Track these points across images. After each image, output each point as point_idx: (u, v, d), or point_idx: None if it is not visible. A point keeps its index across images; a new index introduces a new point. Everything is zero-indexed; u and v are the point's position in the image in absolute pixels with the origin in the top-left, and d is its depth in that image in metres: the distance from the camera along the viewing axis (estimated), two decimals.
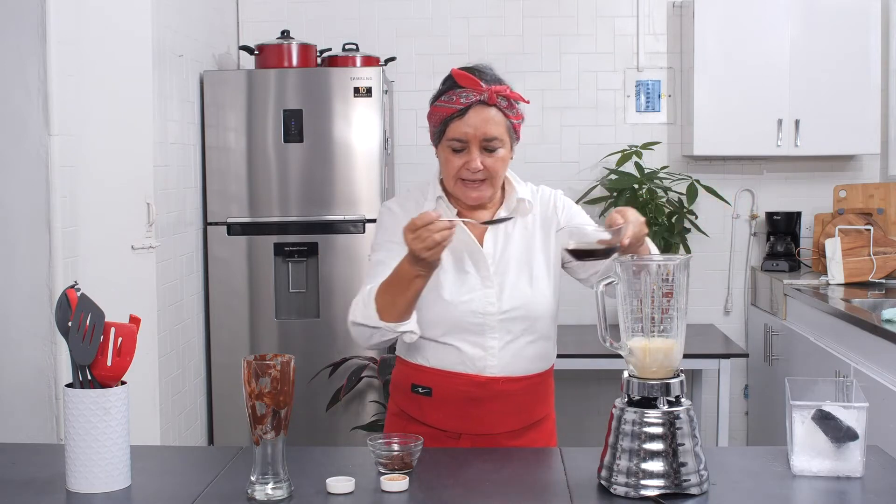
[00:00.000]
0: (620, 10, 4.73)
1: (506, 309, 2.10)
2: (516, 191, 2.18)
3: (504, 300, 2.10)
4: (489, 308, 2.09)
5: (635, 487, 1.68)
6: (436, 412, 2.13)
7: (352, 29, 4.70)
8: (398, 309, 2.01)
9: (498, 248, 2.14)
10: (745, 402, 4.82)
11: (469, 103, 2.05)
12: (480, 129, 2.05)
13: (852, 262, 4.22)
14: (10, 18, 2.61)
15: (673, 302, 1.72)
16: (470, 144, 2.06)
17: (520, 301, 2.10)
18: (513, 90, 2.10)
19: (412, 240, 1.90)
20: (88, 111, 2.81)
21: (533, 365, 2.14)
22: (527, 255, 2.15)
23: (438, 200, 2.17)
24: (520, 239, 2.16)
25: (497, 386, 2.10)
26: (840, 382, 1.90)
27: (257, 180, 4.17)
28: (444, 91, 2.10)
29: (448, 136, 2.07)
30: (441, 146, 2.10)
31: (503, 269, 2.12)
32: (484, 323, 2.09)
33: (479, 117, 2.05)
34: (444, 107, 2.07)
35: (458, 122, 2.05)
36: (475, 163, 2.06)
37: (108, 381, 1.76)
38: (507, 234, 2.16)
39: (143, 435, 3.04)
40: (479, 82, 2.06)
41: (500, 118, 2.07)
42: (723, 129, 4.44)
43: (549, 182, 4.92)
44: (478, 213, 2.18)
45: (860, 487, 1.74)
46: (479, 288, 2.10)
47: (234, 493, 1.72)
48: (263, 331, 4.20)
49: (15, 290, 2.66)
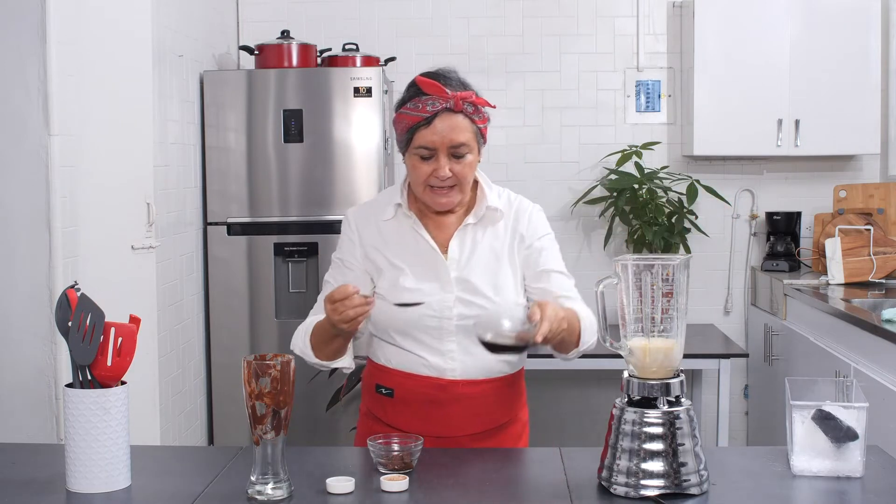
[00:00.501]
0: (620, 10, 4.73)
1: (465, 315, 2.08)
2: (486, 198, 2.16)
3: (462, 306, 2.09)
4: (446, 313, 2.08)
5: (635, 487, 1.68)
6: (398, 414, 2.13)
7: (352, 29, 4.70)
8: (328, 352, 2.10)
9: (464, 254, 2.13)
10: (745, 402, 4.82)
11: (435, 111, 2.03)
12: (448, 137, 2.04)
13: (852, 262, 4.22)
14: (10, 18, 2.61)
15: (673, 302, 1.72)
16: (437, 152, 2.05)
17: (478, 309, 2.08)
18: (478, 95, 2.09)
19: (330, 311, 1.94)
20: (88, 111, 2.81)
21: (495, 368, 2.12)
22: (494, 263, 2.14)
23: (397, 208, 2.17)
24: (488, 246, 2.15)
25: (457, 389, 2.09)
26: (840, 382, 1.90)
27: (257, 180, 4.17)
28: (409, 98, 2.08)
29: (415, 145, 2.06)
30: (408, 154, 2.10)
31: (466, 274, 2.11)
32: (441, 327, 2.09)
33: (445, 125, 2.04)
34: (409, 115, 2.06)
35: (424, 131, 2.04)
36: (443, 170, 2.05)
37: (108, 381, 1.76)
38: (474, 240, 2.15)
39: (143, 435, 3.04)
40: (445, 89, 2.04)
41: (466, 124, 2.06)
42: (723, 129, 4.44)
43: (549, 182, 4.93)
44: (447, 217, 2.17)
45: (860, 487, 1.74)
46: (437, 293, 2.09)
47: (234, 493, 1.72)
48: (263, 331, 4.20)
49: (15, 290, 2.66)
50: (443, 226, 2.17)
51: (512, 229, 2.18)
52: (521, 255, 2.17)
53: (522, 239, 2.18)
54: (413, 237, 2.14)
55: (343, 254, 2.19)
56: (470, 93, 2.07)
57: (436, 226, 2.17)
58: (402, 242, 2.15)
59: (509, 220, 2.18)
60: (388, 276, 2.13)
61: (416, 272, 2.11)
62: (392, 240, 2.15)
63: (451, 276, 2.10)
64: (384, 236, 2.16)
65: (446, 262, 2.12)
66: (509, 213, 2.19)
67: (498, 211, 2.16)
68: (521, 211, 2.21)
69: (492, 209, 2.16)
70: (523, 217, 2.20)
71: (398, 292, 2.10)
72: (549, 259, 2.18)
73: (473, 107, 2.07)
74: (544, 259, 2.17)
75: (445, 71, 2.12)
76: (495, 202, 2.17)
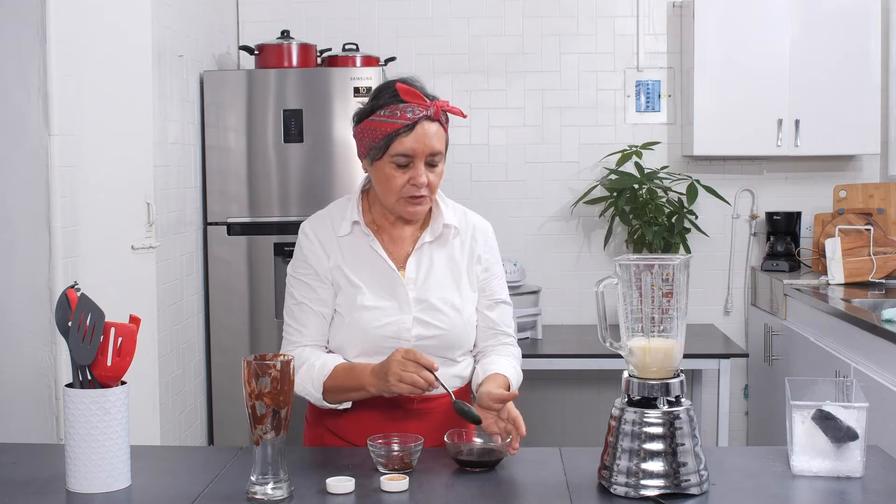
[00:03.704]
0: (620, 10, 4.73)
1: (423, 335, 2.08)
2: (443, 215, 2.15)
3: (420, 327, 2.08)
4: (404, 334, 2.08)
5: (635, 487, 1.68)
6: (353, 428, 2.10)
7: (352, 29, 4.70)
8: (342, 399, 2.07)
9: (421, 272, 2.12)
10: (745, 402, 4.82)
11: (416, 118, 2.01)
12: (428, 145, 2.03)
13: (852, 262, 4.22)
14: (10, 18, 2.61)
15: (673, 302, 1.72)
16: (415, 160, 2.03)
17: (437, 330, 2.09)
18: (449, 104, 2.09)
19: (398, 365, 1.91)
20: (88, 111, 2.81)
21: (448, 383, 2.07)
22: (451, 281, 2.14)
23: (354, 226, 2.13)
24: (444, 265, 2.15)
25: (413, 405, 2.08)
26: (840, 382, 1.90)
27: (257, 180, 4.17)
28: (382, 105, 2.03)
29: (392, 153, 2.02)
30: (382, 162, 2.05)
31: (424, 294, 2.10)
32: (398, 347, 2.05)
33: (425, 132, 2.02)
34: (387, 122, 2.02)
35: (404, 138, 2.01)
36: (422, 177, 2.03)
37: (108, 381, 1.76)
38: (431, 259, 2.14)
39: (143, 435, 3.04)
40: (424, 97, 2.04)
41: (441, 133, 2.06)
42: (723, 129, 4.44)
43: (549, 182, 4.93)
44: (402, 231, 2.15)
45: (860, 487, 1.75)
46: (395, 314, 2.08)
47: (234, 493, 1.72)
48: (263, 331, 4.20)
49: (15, 290, 2.66)
50: (398, 241, 2.15)
51: (469, 248, 2.18)
52: (477, 274, 2.19)
53: (479, 260, 2.19)
54: (370, 255, 2.12)
55: (314, 267, 2.12)
56: (445, 101, 2.08)
57: (391, 241, 2.15)
58: (358, 260, 2.12)
59: (466, 238, 2.18)
60: (346, 293, 2.10)
61: (374, 290, 2.09)
62: (350, 256, 2.12)
63: (410, 297, 2.09)
64: (343, 252, 2.13)
65: (404, 281, 2.10)
66: (466, 230, 2.19)
67: (453, 228, 2.16)
68: (478, 230, 2.21)
69: (447, 226, 2.16)
70: (480, 237, 2.21)
71: (356, 310, 2.08)
72: (500, 288, 2.23)
73: (445, 116, 2.08)
74: (498, 287, 2.22)
75: (413, 79, 2.10)
76: (451, 219, 2.16)
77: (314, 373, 2.06)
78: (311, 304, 2.12)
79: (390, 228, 2.16)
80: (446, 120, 2.08)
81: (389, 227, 2.16)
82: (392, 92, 2.04)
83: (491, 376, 2.07)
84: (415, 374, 1.91)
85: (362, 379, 2.01)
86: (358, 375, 2.02)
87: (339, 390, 2.05)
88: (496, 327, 2.21)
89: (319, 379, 2.05)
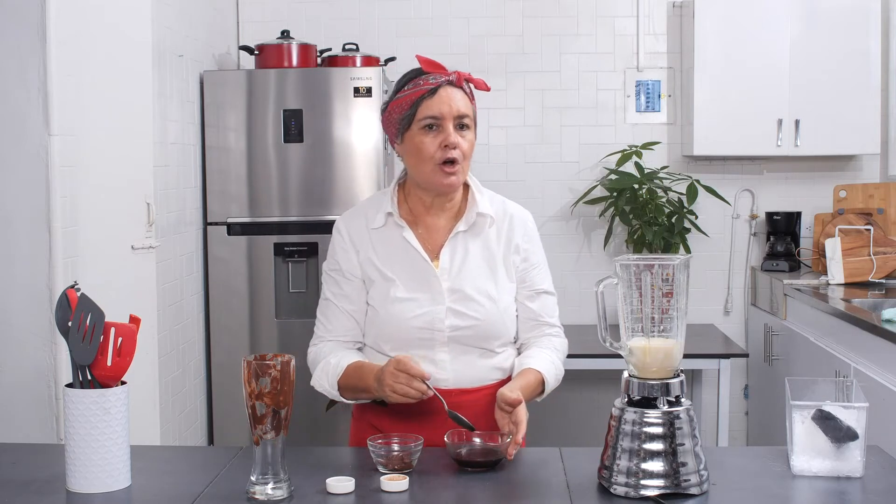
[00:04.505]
0: (620, 10, 4.73)
1: (458, 326, 2.08)
2: (477, 204, 2.15)
3: (454, 317, 2.08)
4: (437, 325, 2.07)
5: (635, 487, 1.68)
6: (393, 422, 2.10)
7: (352, 29, 4.70)
8: (356, 397, 2.10)
9: (455, 262, 2.12)
10: (745, 402, 4.82)
11: (438, 83, 2.06)
12: (453, 107, 2.05)
13: (852, 262, 4.22)
14: (10, 18, 2.61)
15: (673, 302, 1.72)
16: (443, 121, 2.05)
17: (472, 320, 2.08)
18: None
19: (390, 375, 1.93)
20: (88, 111, 2.81)
21: (488, 376, 2.10)
22: (486, 271, 2.12)
23: (388, 217, 2.14)
24: (480, 255, 2.13)
25: (450, 398, 2.06)
26: (840, 382, 1.90)
27: (257, 180, 4.17)
28: (407, 81, 2.10)
29: (420, 117, 2.05)
30: (411, 132, 2.07)
31: (458, 284, 2.09)
32: (433, 338, 2.07)
33: (449, 96, 2.06)
34: (411, 91, 2.07)
35: (429, 101, 2.05)
36: (452, 137, 2.04)
37: (108, 381, 1.76)
38: (466, 248, 2.13)
39: (143, 435, 3.04)
40: (444, 67, 2.09)
41: (467, 100, 2.09)
42: (723, 129, 4.44)
43: (549, 182, 4.93)
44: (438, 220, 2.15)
45: (860, 487, 1.74)
46: (428, 305, 2.08)
47: (234, 493, 1.72)
48: (263, 331, 4.20)
49: (15, 290, 2.66)
50: (433, 231, 2.15)
51: (506, 237, 2.16)
52: (515, 264, 2.16)
53: (518, 249, 2.17)
54: (403, 246, 2.12)
55: (340, 264, 2.15)
56: (468, 72, 2.11)
57: (426, 231, 2.15)
58: (392, 252, 2.13)
59: (503, 226, 2.17)
60: (379, 287, 2.11)
61: (407, 282, 2.10)
62: (382, 249, 2.13)
63: (443, 287, 2.09)
64: (374, 245, 2.14)
65: (437, 271, 2.10)
66: (503, 219, 2.18)
67: (489, 217, 2.15)
68: (516, 219, 2.19)
69: (482, 215, 2.15)
70: (518, 226, 2.18)
71: (389, 303, 2.09)
72: (541, 278, 2.20)
73: (470, 89, 2.11)
74: (539, 278, 2.19)
75: None
76: (486, 208, 2.15)
77: (329, 370, 2.09)
78: (336, 300, 2.15)
79: (426, 218, 2.15)
80: (471, 94, 2.10)
81: (425, 216, 2.15)
82: (414, 70, 2.10)
83: (522, 372, 2.07)
84: (405, 386, 1.92)
85: (367, 381, 2.01)
86: (364, 377, 2.03)
87: (351, 389, 2.07)
88: (538, 318, 2.17)
89: (333, 377, 2.08)
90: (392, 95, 2.12)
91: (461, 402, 2.05)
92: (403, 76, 2.13)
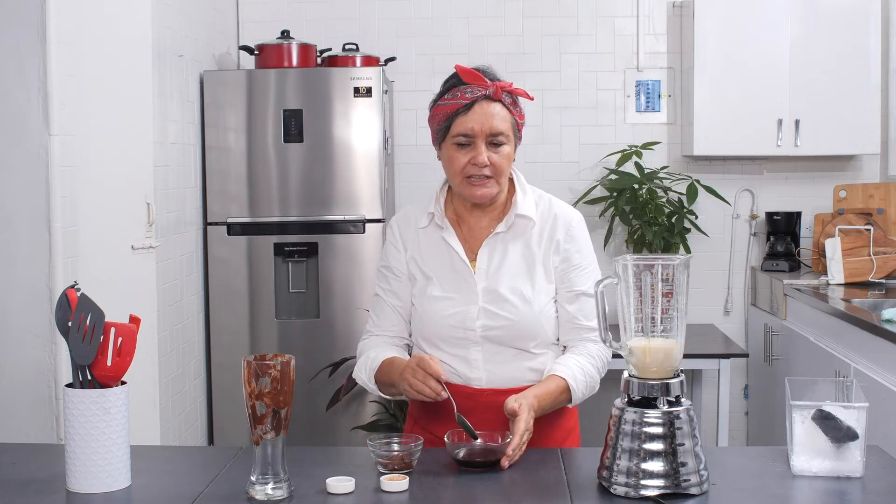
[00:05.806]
0: (620, 10, 4.73)
1: (490, 326, 2.08)
2: (518, 206, 2.13)
3: (486, 317, 2.08)
4: (469, 324, 2.08)
5: (635, 487, 1.68)
6: (441, 423, 2.08)
7: (352, 29, 4.70)
8: (393, 393, 2.12)
9: (493, 263, 2.11)
10: (745, 402, 4.82)
11: (474, 98, 2.05)
12: (486, 124, 2.04)
13: (852, 262, 4.22)
14: (10, 18, 2.61)
15: (673, 302, 1.72)
16: (476, 139, 2.05)
17: (504, 321, 2.07)
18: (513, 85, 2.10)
19: (409, 372, 1.96)
20: (88, 111, 2.81)
21: (523, 376, 2.10)
22: (524, 272, 2.11)
23: (430, 217, 2.16)
24: (519, 255, 2.12)
25: (484, 398, 2.07)
26: (840, 382, 1.90)
27: (257, 180, 4.17)
28: (447, 90, 2.09)
29: (453, 133, 2.06)
30: (445, 144, 2.09)
31: (493, 285, 2.09)
32: (466, 337, 2.08)
33: (484, 112, 2.05)
34: (448, 104, 2.07)
35: (463, 118, 2.05)
36: (482, 157, 2.04)
37: (108, 381, 1.76)
38: (504, 249, 2.12)
39: (143, 435, 3.04)
40: (484, 78, 2.08)
41: (504, 114, 2.07)
42: (723, 129, 4.44)
43: (549, 182, 4.93)
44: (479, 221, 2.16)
45: (860, 487, 1.74)
46: (461, 304, 2.09)
47: (234, 493, 1.72)
48: (263, 331, 4.20)
49: (15, 290, 2.66)
50: (476, 231, 2.15)
51: (548, 237, 2.14)
52: (555, 265, 2.13)
53: (558, 249, 2.13)
54: (443, 246, 2.14)
55: (389, 261, 2.20)
56: (509, 82, 2.09)
57: (469, 231, 2.16)
58: (433, 251, 2.15)
59: (545, 228, 2.14)
60: (419, 285, 2.15)
61: (444, 282, 2.12)
62: (426, 248, 2.16)
63: (478, 287, 2.10)
64: (420, 244, 2.17)
65: (473, 272, 2.11)
66: (546, 220, 2.15)
67: (529, 220, 2.13)
68: (559, 219, 2.15)
69: (522, 217, 2.13)
70: (561, 226, 2.14)
71: (426, 301, 2.12)
72: (582, 280, 2.13)
73: (511, 98, 2.09)
74: (579, 279, 2.13)
75: (483, 67, 2.14)
76: (527, 210, 2.13)
77: (368, 364, 2.13)
78: (385, 296, 2.19)
79: (469, 218, 2.17)
80: (512, 102, 2.09)
81: (468, 216, 2.17)
82: (454, 76, 2.10)
83: (546, 378, 2.07)
84: (420, 383, 1.94)
85: (393, 377, 2.04)
86: (392, 372, 2.05)
87: (385, 384, 2.10)
88: (575, 321, 2.13)
89: (371, 371, 2.12)
90: (434, 100, 2.12)
91: (496, 402, 2.02)
92: (446, 81, 2.12)
